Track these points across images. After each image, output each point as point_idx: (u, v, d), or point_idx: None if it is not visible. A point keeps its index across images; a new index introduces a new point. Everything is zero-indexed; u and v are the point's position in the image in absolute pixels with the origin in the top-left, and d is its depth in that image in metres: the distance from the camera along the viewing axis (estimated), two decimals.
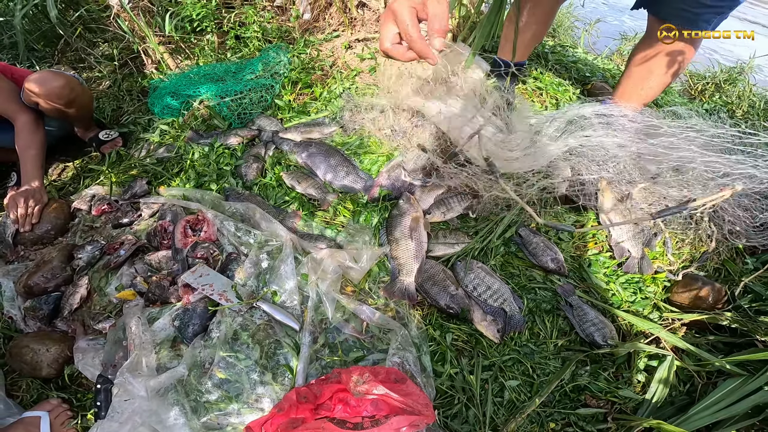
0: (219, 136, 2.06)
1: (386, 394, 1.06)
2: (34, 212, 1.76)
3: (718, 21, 1.49)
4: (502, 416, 1.32)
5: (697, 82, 2.64)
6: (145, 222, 1.79)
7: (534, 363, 1.39)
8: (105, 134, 2.21)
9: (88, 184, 2.01)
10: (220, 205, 1.71)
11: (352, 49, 2.43)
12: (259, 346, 1.27)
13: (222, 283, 1.45)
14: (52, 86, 1.85)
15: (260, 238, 1.54)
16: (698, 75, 2.69)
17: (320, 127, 2.00)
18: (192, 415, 1.12)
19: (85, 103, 2.05)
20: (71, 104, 1.95)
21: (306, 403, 1.14)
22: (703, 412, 1.27)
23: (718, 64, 2.80)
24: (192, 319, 1.36)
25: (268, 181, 1.85)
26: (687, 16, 1.47)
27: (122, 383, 1.12)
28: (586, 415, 1.34)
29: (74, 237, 1.77)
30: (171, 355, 1.28)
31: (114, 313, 1.47)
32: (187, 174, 1.93)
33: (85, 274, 1.58)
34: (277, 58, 2.31)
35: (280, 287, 1.42)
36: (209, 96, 2.15)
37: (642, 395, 1.36)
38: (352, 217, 1.69)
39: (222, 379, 1.19)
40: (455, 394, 1.33)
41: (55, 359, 1.34)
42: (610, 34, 3.01)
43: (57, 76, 1.87)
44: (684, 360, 1.38)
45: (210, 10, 2.49)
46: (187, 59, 2.58)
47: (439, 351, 1.39)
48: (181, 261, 1.56)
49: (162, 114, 2.25)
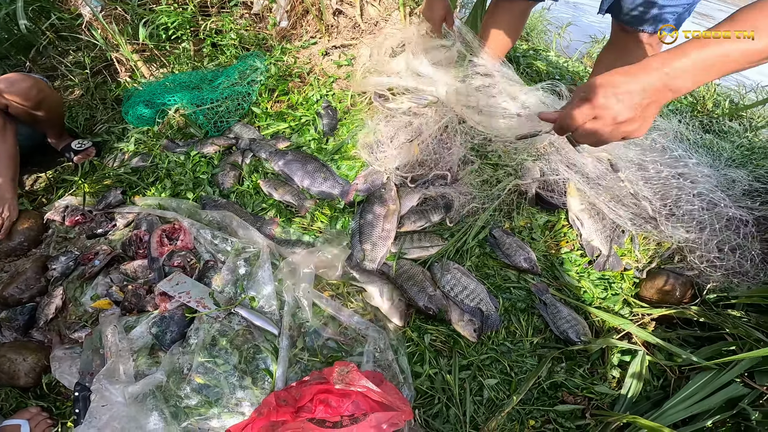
0: (195, 144, 2.12)
1: (367, 388, 1.12)
2: (2, 228, 1.80)
3: (674, 21, 1.58)
4: (482, 415, 1.39)
5: None
6: (120, 232, 1.83)
7: (511, 361, 1.47)
8: (78, 144, 2.25)
9: (62, 194, 2.05)
10: (197, 213, 1.76)
11: (329, 56, 2.53)
12: (237, 351, 1.32)
13: (199, 291, 1.50)
14: (20, 87, 1.91)
15: (237, 245, 1.60)
16: None
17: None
18: (172, 420, 1.17)
19: (53, 105, 2.10)
20: (39, 106, 2.00)
21: (286, 406, 1.20)
22: (677, 407, 1.34)
23: None
24: (170, 327, 1.41)
25: (246, 189, 1.91)
26: (646, 18, 1.59)
27: (99, 389, 1.16)
28: (564, 411, 1.41)
29: (48, 248, 1.81)
30: (149, 362, 1.32)
31: (90, 323, 1.51)
32: (162, 183, 1.98)
33: (60, 285, 1.62)
34: (254, 65, 2.39)
35: (258, 293, 1.48)
36: (185, 104, 2.21)
37: (617, 391, 1.44)
38: (329, 223, 1.76)
39: (201, 384, 1.24)
40: (435, 394, 1.40)
41: (33, 368, 1.38)
42: (581, 36, 3.16)
43: (25, 77, 1.95)
44: (656, 355, 1.47)
45: (186, 18, 2.55)
46: (163, 67, 2.64)
47: (418, 352, 1.46)
48: (157, 270, 1.61)
49: (136, 123, 2.30)
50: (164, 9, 2.54)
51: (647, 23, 1.61)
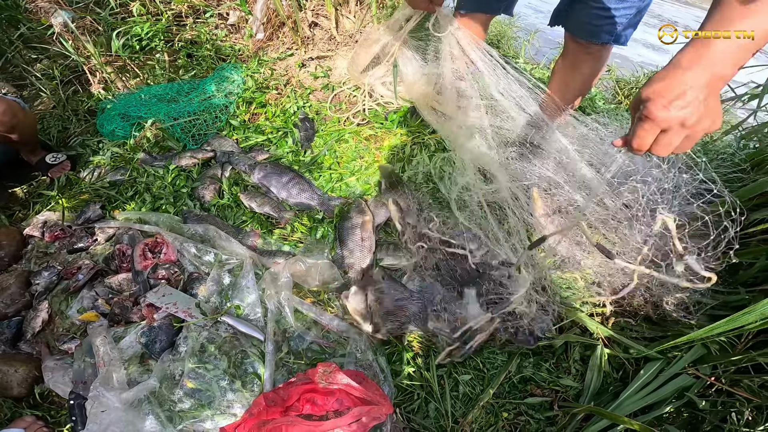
0: (173, 157, 2.23)
1: (349, 384, 1.28)
2: None
3: (621, 30, 1.73)
4: (460, 409, 1.56)
5: (623, 87, 3.02)
6: (101, 246, 1.93)
7: (483, 358, 1.64)
8: (52, 157, 2.31)
9: (39, 210, 2.13)
10: (179, 227, 1.88)
11: (305, 68, 2.68)
12: (226, 357, 1.46)
13: (186, 301, 1.63)
14: None
15: (220, 257, 1.73)
16: (624, 80, 3.06)
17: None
18: (168, 423, 1.30)
19: (27, 127, 2.17)
20: (13, 130, 2.06)
21: (275, 406, 1.34)
22: (633, 397, 1.50)
23: (641, 69, 3.18)
24: (158, 336, 1.53)
25: (226, 202, 2.04)
26: (589, 29, 1.76)
27: (96, 396, 1.28)
28: (534, 404, 1.59)
29: (29, 264, 1.89)
30: (141, 370, 1.45)
31: (79, 334, 1.63)
32: (142, 197, 2.09)
33: (45, 299, 1.72)
34: (231, 77, 2.52)
35: (243, 301, 1.62)
36: (161, 117, 2.31)
37: (581, 383, 1.63)
38: (309, 233, 1.91)
39: (193, 388, 1.37)
40: (414, 391, 1.56)
41: (24, 379, 1.50)
42: (549, 43, 3.37)
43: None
44: (614, 348, 1.67)
45: (160, 29, 2.66)
46: (136, 78, 2.73)
47: (396, 352, 1.62)
48: (142, 282, 1.72)
49: (112, 136, 2.39)
50: (137, 19, 2.64)
51: (594, 35, 1.77)
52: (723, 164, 2.01)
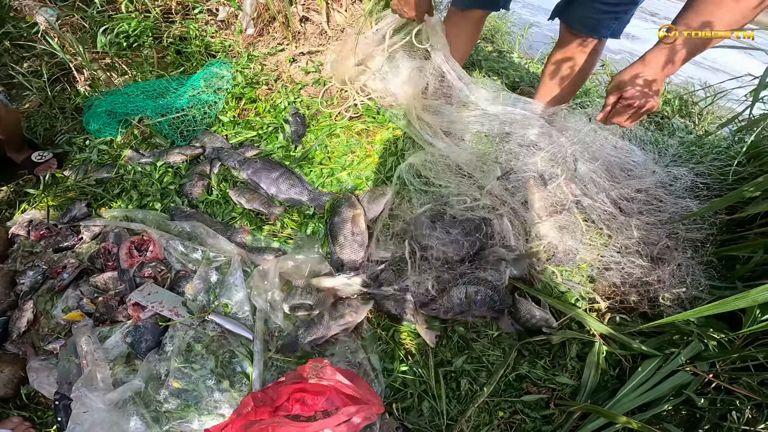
0: (161, 154, 2.20)
1: (340, 382, 1.26)
2: None
3: (617, 25, 1.79)
4: (455, 407, 1.53)
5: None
6: (87, 245, 1.91)
7: (480, 353, 1.62)
8: (38, 156, 2.29)
9: (25, 208, 2.10)
10: (165, 224, 1.86)
11: (296, 63, 2.66)
12: (213, 356, 1.44)
13: (172, 300, 1.61)
14: None
15: (208, 254, 1.71)
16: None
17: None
18: (153, 424, 1.27)
19: (11, 126, 2.15)
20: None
21: (264, 406, 1.32)
22: (630, 395, 1.48)
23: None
24: (144, 335, 1.51)
25: (215, 199, 2.02)
26: (591, 23, 1.79)
27: (79, 397, 1.26)
28: (530, 402, 1.56)
29: (15, 263, 1.87)
30: (126, 370, 1.43)
31: (63, 334, 1.61)
32: (129, 194, 2.06)
33: (30, 299, 1.70)
34: (220, 73, 2.49)
35: (231, 299, 1.60)
36: (149, 114, 2.29)
37: (577, 381, 1.61)
38: (299, 229, 1.89)
39: (179, 388, 1.35)
40: (407, 389, 1.54)
41: (10, 380, 1.48)
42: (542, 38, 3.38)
43: None
44: (611, 345, 1.65)
45: (148, 25, 2.64)
46: (124, 75, 2.71)
47: (389, 349, 1.60)
48: (128, 281, 1.70)
49: (98, 133, 2.37)
50: (125, 16, 2.62)
51: (594, 30, 1.81)
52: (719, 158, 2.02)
